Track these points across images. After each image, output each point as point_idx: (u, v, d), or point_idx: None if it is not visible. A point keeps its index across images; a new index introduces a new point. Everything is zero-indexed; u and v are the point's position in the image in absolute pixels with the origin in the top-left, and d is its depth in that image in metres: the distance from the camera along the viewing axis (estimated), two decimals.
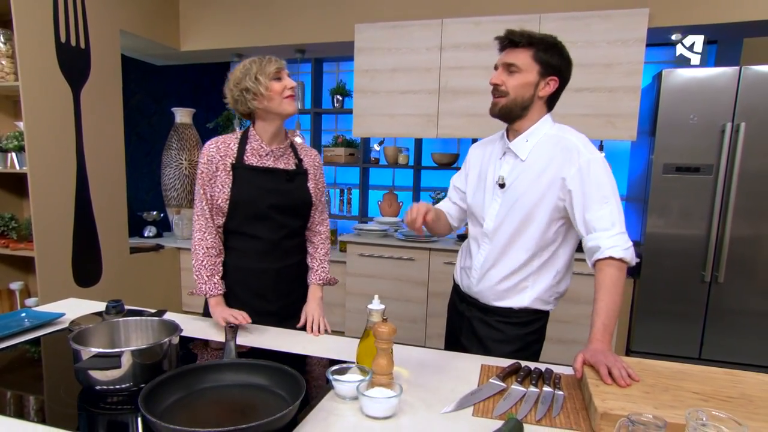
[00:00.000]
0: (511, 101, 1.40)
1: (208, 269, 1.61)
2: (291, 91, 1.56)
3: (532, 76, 1.39)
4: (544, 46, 1.38)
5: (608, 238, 1.30)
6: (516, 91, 1.39)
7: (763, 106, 2.68)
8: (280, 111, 1.57)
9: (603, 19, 2.90)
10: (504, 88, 1.41)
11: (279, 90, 1.54)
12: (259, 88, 1.53)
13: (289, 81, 1.56)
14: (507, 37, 1.40)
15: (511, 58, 1.39)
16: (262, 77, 1.53)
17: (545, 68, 1.39)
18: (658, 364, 1.20)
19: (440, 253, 3.22)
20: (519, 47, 1.39)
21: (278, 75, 1.55)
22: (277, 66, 1.55)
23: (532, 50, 1.38)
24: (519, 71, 1.39)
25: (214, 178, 1.59)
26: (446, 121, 3.24)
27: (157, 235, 3.93)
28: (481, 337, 1.53)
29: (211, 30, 3.78)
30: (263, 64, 1.55)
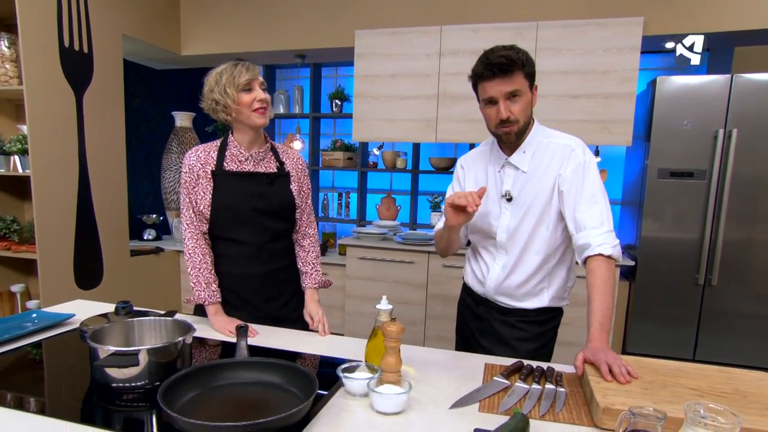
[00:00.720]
0: (523, 126, 1.43)
1: (206, 276, 1.62)
2: (260, 104, 1.55)
3: (528, 94, 1.41)
4: (525, 59, 1.38)
5: (598, 236, 1.35)
6: (523, 116, 1.41)
7: (754, 113, 2.74)
8: (248, 123, 1.58)
9: (599, 27, 2.97)
10: (514, 117, 1.40)
11: (248, 102, 1.54)
12: (227, 100, 1.55)
13: (260, 93, 1.55)
14: (500, 66, 1.35)
15: (510, 85, 1.37)
16: (230, 89, 1.54)
17: (531, 81, 1.42)
18: (655, 362, 1.25)
19: (439, 256, 3.25)
20: (513, 73, 1.36)
21: (248, 86, 1.54)
22: (249, 77, 1.54)
23: (521, 70, 1.38)
24: (521, 95, 1.39)
25: (196, 186, 1.62)
26: (445, 126, 3.29)
27: (156, 238, 3.95)
28: (504, 337, 1.57)
29: (212, 35, 3.82)
30: (234, 74, 1.54)
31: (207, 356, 1.41)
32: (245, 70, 1.56)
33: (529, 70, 1.40)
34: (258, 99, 1.55)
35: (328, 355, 1.41)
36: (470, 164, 1.65)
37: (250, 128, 1.61)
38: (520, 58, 1.38)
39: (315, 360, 1.39)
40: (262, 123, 1.58)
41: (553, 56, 3.05)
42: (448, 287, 3.25)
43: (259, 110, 1.56)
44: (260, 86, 1.57)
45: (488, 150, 1.60)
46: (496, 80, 1.38)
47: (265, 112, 1.58)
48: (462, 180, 1.66)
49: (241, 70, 1.56)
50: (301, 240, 1.79)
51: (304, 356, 1.41)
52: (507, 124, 1.41)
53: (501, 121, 1.41)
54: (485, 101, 1.44)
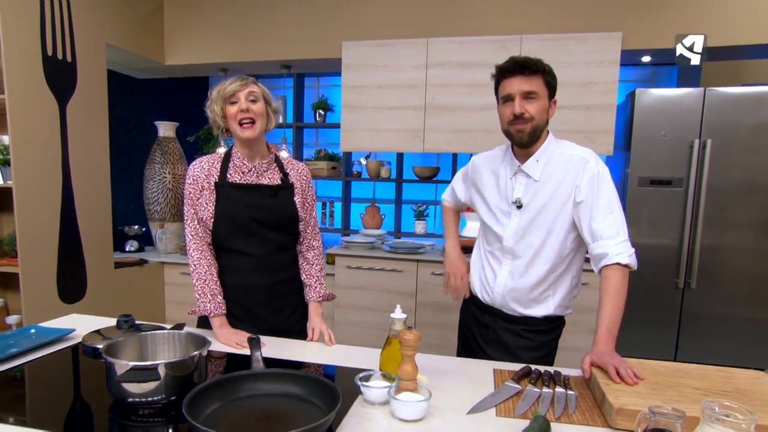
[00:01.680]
0: (536, 125, 1.47)
1: (211, 288, 1.62)
2: (243, 115, 1.55)
3: (545, 101, 1.48)
4: (547, 70, 1.48)
5: (614, 245, 1.40)
6: (538, 116, 1.46)
7: (726, 125, 2.88)
8: (237, 136, 1.60)
9: (580, 41, 3.08)
10: (528, 115, 1.45)
11: (233, 115, 1.56)
12: (216, 118, 1.59)
13: (243, 104, 1.55)
14: (523, 65, 1.45)
15: (528, 85, 1.45)
16: (217, 105, 1.57)
17: (551, 92, 1.49)
18: (657, 364, 1.31)
19: (428, 264, 3.30)
20: (533, 74, 1.45)
21: (233, 99, 1.56)
22: (233, 88, 1.55)
23: (542, 76, 1.46)
24: (537, 98, 1.45)
25: (200, 197, 1.62)
26: (432, 137, 3.35)
27: (138, 250, 3.88)
28: (509, 346, 1.61)
29: (196, 44, 3.80)
30: (223, 88, 1.57)
31: (218, 368, 1.41)
32: (232, 81, 1.57)
33: (550, 79, 1.47)
34: (240, 109, 1.55)
35: (340, 365, 1.42)
36: (481, 166, 1.70)
37: (242, 141, 1.62)
38: (544, 66, 1.46)
39: (328, 369, 1.40)
40: (247, 136, 1.57)
41: None
42: (437, 295, 3.29)
43: (243, 122, 1.56)
44: (248, 97, 1.56)
45: (501, 155, 1.64)
46: (516, 78, 1.45)
47: (251, 125, 1.57)
48: (475, 182, 1.72)
49: (230, 82, 1.57)
50: (305, 252, 1.80)
51: (316, 366, 1.42)
52: (520, 121, 1.46)
53: (514, 117, 1.46)
54: (503, 99, 1.50)
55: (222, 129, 1.65)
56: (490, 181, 1.66)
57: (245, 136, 1.58)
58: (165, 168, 3.80)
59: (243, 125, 1.58)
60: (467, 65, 3.24)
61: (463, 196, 1.82)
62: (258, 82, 1.66)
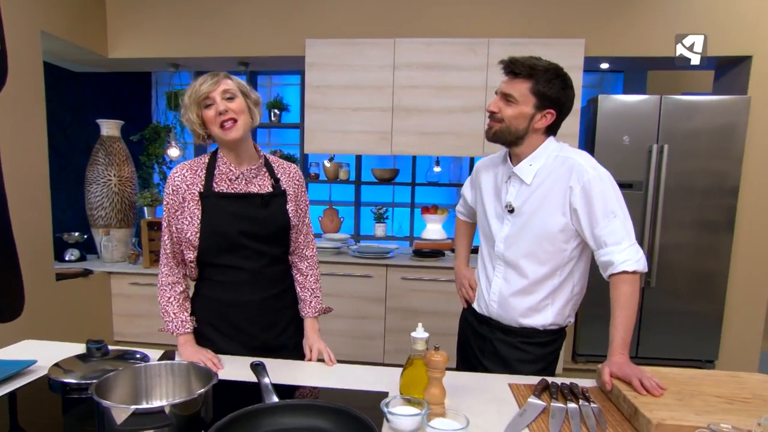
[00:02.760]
0: (504, 128, 1.44)
1: (173, 307, 1.51)
2: (222, 117, 1.40)
3: (528, 108, 1.41)
4: (545, 78, 1.40)
5: (620, 252, 1.37)
6: (510, 121, 1.42)
7: (681, 131, 3.04)
8: (220, 140, 1.47)
9: (545, 46, 3.12)
10: (500, 115, 1.43)
11: (211, 118, 1.42)
12: (194, 127, 1.46)
13: (220, 105, 1.40)
14: (509, 65, 1.42)
15: (508, 88, 1.41)
16: (192, 112, 1.43)
17: (542, 101, 1.41)
18: (670, 372, 1.32)
19: (397, 269, 3.24)
20: (518, 78, 1.40)
21: (207, 101, 1.40)
22: (204, 90, 1.40)
23: (530, 82, 1.39)
24: (515, 102, 1.41)
25: (181, 210, 1.47)
26: (400, 139, 3.29)
27: (80, 259, 3.55)
28: (506, 359, 1.56)
29: (144, 36, 3.52)
30: (194, 91, 1.42)
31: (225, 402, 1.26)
32: (203, 81, 1.42)
33: (542, 88, 1.39)
34: (218, 111, 1.41)
35: (350, 388, 1.33)
36: (481, 170, 1.67)
37: (227, 145, 1.49)
38: (535, 73, 1.39)
39: (343, 394, 1.30)
40: (232, 138, 1.43)
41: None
42: (407, 300, 3.24)
43: (223, 125, 1.42)
44: (223, 95, 1.41)
45: (500, 159, 1.60)
46: (507, 77, 1.44)
47: (233, 125, 1.43)
48: (476, 185, 1.69)
49: (199, 84, 1.41)
50: (298, 263, 1.67)
51: (326, 391, 1.31)
52: (491, 118, 1.46)
53: (489, 114, 1.47)
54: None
55: (203, 136, 1.50)
56: (488, 182, 1.62)
57: (230, 138, 1.44)
58: (110, 170, 3.49)
59: (225, 127, 1.43)
60: (435, 67, 3.21)
61: (471, 200, 1.76)
62: (230, 75, 1.51)
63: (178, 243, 1.50)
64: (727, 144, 3.04)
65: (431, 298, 3.23)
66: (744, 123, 3.02)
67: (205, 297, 1.55)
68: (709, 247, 3.06)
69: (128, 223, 3.61)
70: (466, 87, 3.20)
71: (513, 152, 1.51)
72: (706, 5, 3.09)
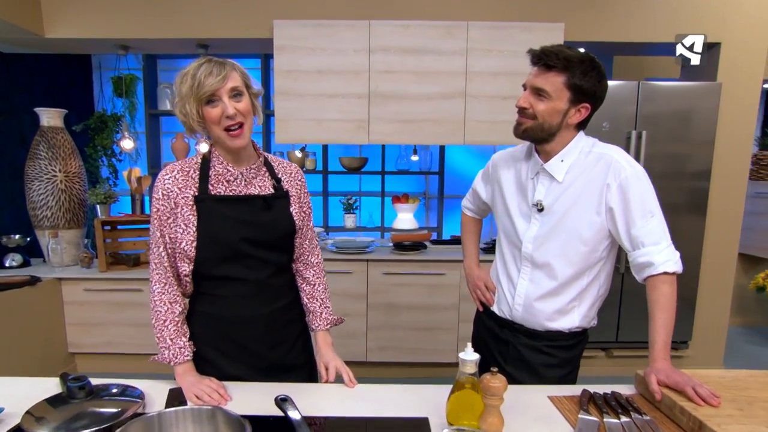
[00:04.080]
0: (537, 125, 1.34)
1: (171, 331, 1.31)
2: (229, 121, 1.23)
3: (562, 103, 1.32)
4: (581, 70, 1.30)
5: (659, 253, 1.31)
6: (543, 117, 1.32)
7: (659, 117, 3.06)
8: (221, 144, 1.29)
9: (525, 30, 3.05)
10: (531, 111, 1.33)
11: (215, 119, 1.23)
12: (190, 122, 1.26)
13: (228, 106, 1.22)
14: (541, 56, 1.31)
15: (541, 82, 1.31)
16: (191, 106, 1.23)
17: (577, 95, 1.32)
18: (710, 375, 1.27)
19: (378, 263, 3.11)
20: (552, 70, 1.30)
21: (212, 98, 1.22)
22: (211, 87, 1.20)
23: (566, 75, 1.29)
24: (548, 97, 1.31)
25: (174, 217, 1.29)
26: (378, 127, 3.13)
27: (23, 265, 3.18)
28: (532, 364, 1.47)
29: (88, 15, 3.15)
30: (196, 82, 1.21)
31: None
32: (208, 73, 1.21)
33: (578, 81, 1.29)
34: (226, 115, 1.23)
35: (382, 415, 1.19)
36: (500, 165, 1.57)
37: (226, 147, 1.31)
38: (570, 65, 1.28)
39: (377, 426, 1.16)
40: (238, 145, 1.27)
41: (484, 57, 3.06)
42: (389, 295, 3.13)
43: (230, 129, 1.25)
44: (230, 94, 1.24)
45: (523, 153, 1.50)
46: (536, 69, 1.34)
47: (240, 132, 1.26)
48: (493, 181, 1.59)
49: (205, 75, 1.21)
50: (303, 271, 1.51)
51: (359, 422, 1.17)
52: (522, 114, 1.36)
53: (518, 109, 1.36)
54: (523, 87, 1.39)
55: (197, 131, 1.31)
56: (509, 179, 1.52)
57: (236, 146, 1.28)
58: (54, 165, 3.13)
59: (231, 133, 1.26)
60: (413, 51, 3.06)
61: (486, 195, 1.65)
62: (235, 63, 1.31)
63: (174, 255, 1.31)
64: (699, 129, 3.09)
65: (414, 292, 3.13)
66: (715, 108, 3.08)
67: (203, 314, 1.37)
68: (685, 230, 3.12)
69: (78, 223, 3.27)
70: (445, 72, 3.08)
71: (542, 149, 1.40)
72: None
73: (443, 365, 3.25)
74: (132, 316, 3.12)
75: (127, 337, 3.15)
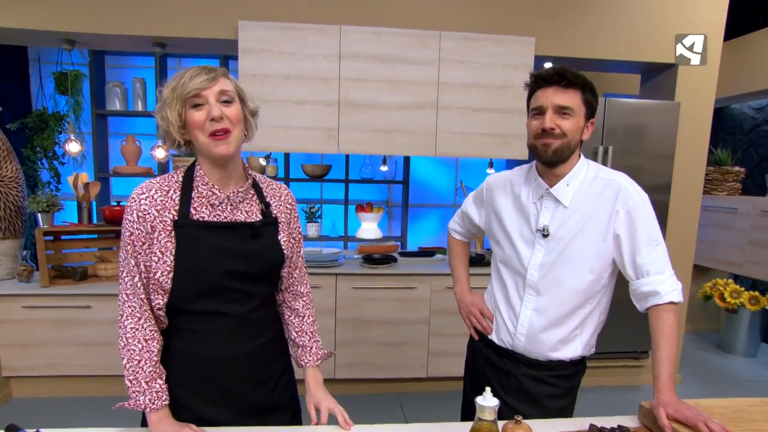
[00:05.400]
0: (565, 144, 1.31)
1: (147, 372, 1.15)
2: (214, 125, 1.12)
3: (581, 120, 1.33)
4: (590, 86, 1.33)
5: (664, 282, 1.30)
6: (572, 134, 1.31)
7: (623, 132, 3.14)
8: (206, 153, 1.16)
9: (497, 43, 3.04)
10: (559, 131, 1.30)
11: (199, 123, 1.12)
12: (170, 128, 1.13)
13: (215, 109, 1.11)
14: (563, 76, 1.29)
15: (565, 100, 1.30)
16: (173, 109, 1.11)
17: (589, 111, 1.35)
18: (713, 406, 1.26)
19: (347, 277, 3.01)
20: (571, 88, 1.30)
21: (197, 100, 1.12)
22: (196, 86, 1.10)
23: (581, 92, 1.31)
24: (572, 115, 1.30)
25: (148, 244, 1.15)
26: (348, 136, 3.03)
27: None
28: (534, 395, 1.43)
29: (29, 4, 2.86)
30: (180, 84, 1.11)
31: None
32: (194, 74, 1.11)
33: (589, 97, 1.32)
34: (211, 116, 1.11)
35: None
36: (495, 189, 1.52)
37: (212, 160, 1.18)
38: (584, 81, 1.31)
39: None
40: (221, 152, 1.14)
41: (456, 68, 3.03)
42: (359, 310, 3.03)
43: (215, 134, 1.13)
44: (219, 97, 1.12)
45: (522, 177, 1.46)
46: (551, 88, 1.31)
47: (225, 136, 1.13)
48: (488, 206, 1.54)
49: (193, 74, 1.11)
50: (291, 302, 1.39)
51: None
52: (549, 136, 1.31)
53: (543, 132, 1.31)
54: (534, 111, 1.34)
55: (179, 142, 1.17)
56: (507, 204, 1.47)
57: (220, 152, 1.14)
58: None
59: (216, 136, 1.13)
60: (385, 59, 2.98)
61: (479, 220, 1.59)
62: (229, 73, 1.20)
63: (147, 286, 1.16)
64: (660, 144, 3.19)
65: (384, 306, 3.05)
66: (674, 125, 3.19)
67: (177, 352, 1.22)
68: None
69: (15, 233, 2.97)
70: (417, 82, 3.02)
71: (553, 172, 1.37)
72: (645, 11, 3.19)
73: (412, 380, 3.18)
74: (78, 335, 2.86)
75: (72, 358, 2.88)
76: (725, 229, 4.04)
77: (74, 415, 2.78)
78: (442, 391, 3.19)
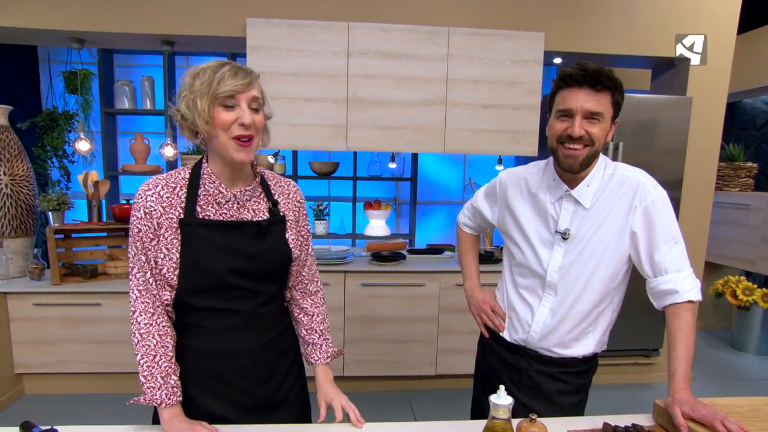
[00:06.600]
0: (592, 152, 1.27)
1: (163, 368, 1.15)
2: (242, 130, 1.11)
3: (608, 123, 1.28)
4: (620, 87, 1.27)
5: (683, 280, 1.27)
6: (599, 141, 1.26)
7: (633, 128, 3.10)
8: (224, 154, 1.15)
9: (506, 38, 3.01)
10: (588, 138, 1.25)
11: (225, 124, 1.10)
12: (197, 119, 1.11)
13: (246, 113, 1.11)
14: (596, 77, 1.22)
15: (595, 105, 1.23)
16: (203, 101, 1.09)
17: (616, 112, 1.29)
18: (730, 405, 1.24)
19: (355, 275, 3.01)
20: (603, 90, 1.23)
21: (230, 101, 1.10)
22: (232, 88, 1.09)
23: (610, 93, 1.25)
24: (601, 120, 1.24)
25: (156, 240, 1.15)
26: (356, 133, 3.02)
27: None
28: (546, 391, 1.42)
29: (40, 4, 2.87)
30: (215, 79, 1.09)
31: None
32: (232, 74, 1.09)
33: (618, 99, 1.26)
34: (240, 122, 1.10)
35: None
36: (510, 187, 1.48)
37: (228, 162, 1.17)
38: (616, 82, 1.24)
39: None
40: (241, 159, 1.14)
41: (465, 64, 3.01)
42: (367, 307, 3.03)
43: (240, 140, 1.12)
44: (249, 102, 1.12)
45: (538, 175, 1.43)
46: (583, 91, 1.23)
47: (249, 143, 1.13)
48: (499, 197, 1.51)
49: (226, 74, 1.09)
50: (301, 300, 1.38)
51: None
52: (577, 143, 1.25)
53: (570, 138, 1.25)
54: (559, 113, 1.27)
55: (196, 133, 1.16)
56: (524, 204, 1.44)
57: (240, 159, 1.14)
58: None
59: (240, 142, 1.12)
60: (393, 55, 2.97)
61: (492, 216, 1.56)
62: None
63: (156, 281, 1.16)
64: (672, 140, 3.15)
65: (393, 304, 3.04)
66: (686, 120, 3.15)
67: (184, 348, 1.22)
68: None
69: (27, 232, 2.99)
70: (426, 78, 3.00)
71: (576, 175, 1.33)
72: (655, 6, 3.15)
73: (421, 378, 3.18)
74: (89, 333, 2.88)
75: (83, 355, 2.91)
76: (738, 225, 3.99)
77: (85, 412, 2.80)
78: (451, 388, 3.18)
